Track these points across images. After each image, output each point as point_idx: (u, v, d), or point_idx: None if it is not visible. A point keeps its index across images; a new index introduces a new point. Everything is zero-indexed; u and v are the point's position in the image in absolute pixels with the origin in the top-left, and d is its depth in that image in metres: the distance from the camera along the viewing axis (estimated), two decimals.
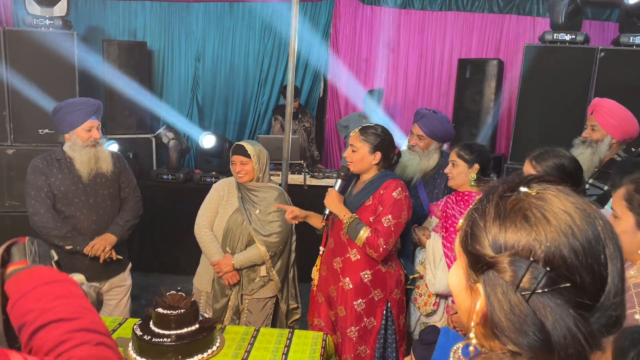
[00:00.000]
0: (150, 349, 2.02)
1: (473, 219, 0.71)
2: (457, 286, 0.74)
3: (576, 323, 0.62)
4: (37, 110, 4.02)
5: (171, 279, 4.30)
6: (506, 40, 5.72)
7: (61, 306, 0.86)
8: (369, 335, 2.45)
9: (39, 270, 0.92)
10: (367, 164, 2.43)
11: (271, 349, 2.18)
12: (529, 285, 0.63)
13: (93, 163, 2.70)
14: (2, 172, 4.07)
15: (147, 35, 5.67)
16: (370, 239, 2.32)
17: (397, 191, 2.36)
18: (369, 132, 2.42)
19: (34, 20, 4.08)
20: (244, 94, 5.96)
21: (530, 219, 0.65)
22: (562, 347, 0.61)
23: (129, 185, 2.92)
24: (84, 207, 2.73)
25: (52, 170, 2.69)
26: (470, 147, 2.56)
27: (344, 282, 2.46)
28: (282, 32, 5.75)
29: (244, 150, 2.73)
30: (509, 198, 0.69)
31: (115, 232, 2.78)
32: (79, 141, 2.67)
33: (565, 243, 0.63)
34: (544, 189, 0.69)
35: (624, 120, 2.65)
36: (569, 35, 4.19)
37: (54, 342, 0.81)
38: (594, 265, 0.63)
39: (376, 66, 6.00)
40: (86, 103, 2.70)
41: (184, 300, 2.15)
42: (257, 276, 2.77)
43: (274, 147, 4.51)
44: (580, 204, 0.67)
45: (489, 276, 0.67)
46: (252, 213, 2.75)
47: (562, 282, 0.62)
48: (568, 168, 2.04)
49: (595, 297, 0.63)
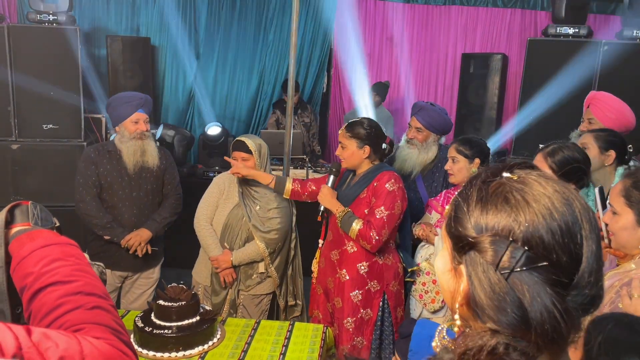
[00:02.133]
0: (152, 341, 2.04)
1: (457, 203, 0.74)
2: (442, 269, 0.77)
3: (552, 300, 0.64)
4: (41, 105, 4.05)
5: (175, 273, 4.30)
6: (510, 35, 5.69)
7: (57, 268, 0.86)
8: (366, 327, 2.47)
9: (39, 232, 0.92)
10: (357, 159, 2.47)
11: (271, 341, 2.19)
12: (508, 264, 0.65)
13: (139, 155, 2.77)
14: (7, 167, 4.09)
15: (151, 31, 5.68)
16: (362, 231, 2.34)
17: (390, 182, 2.39)
18: (354, 128, 2.46)
19: (37, 15, 4.09)
20: (247, 89, 5.97)
21: (511, 201, 0.68)
22: (539, 323, 0.64)
23: (172, 182, 2.98)
24: (127, 200, 2.81)
25: (102, 161, 2.78)
26: (469, 142, 2.55)
27: (341, 274, 2.48)
28: (285, 26, 5.75)
29: (245, 146, 2.71)
30: (492, 182, 0.72)
31: (151, 227, 2.84)
32: (127, 133, 2.75)
33: (543, 224, 0.66)
34: (526, 174, 0.71)
35: (621, 113, 2.64)
36: (572, 29, 4.17)
37: (49, 306, 0.82)
38: (571, 245, 0.66)
39: (380, 61, 5.99)
40: (133, 96, 2.79)
41: (185, 293, 2.17)
42: (254, 272, 2.77)
43: (276, 142, 4.52)
44: (560, 188, 0.69)
45: (470, 256, 0.69)
46: (252, 209, 2.75)
47: (540, 261, 0.65)
48: (580, 161, 2.05)
49: (571, 275, 0.66)
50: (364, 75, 5.80)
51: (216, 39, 5.81)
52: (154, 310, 2.15)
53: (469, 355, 0.67)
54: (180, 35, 5.79)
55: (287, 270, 2.89)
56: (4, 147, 4.09)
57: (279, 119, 5.44)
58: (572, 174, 2.02)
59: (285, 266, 2.87)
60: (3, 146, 4.09)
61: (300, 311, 2.97)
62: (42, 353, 0.70)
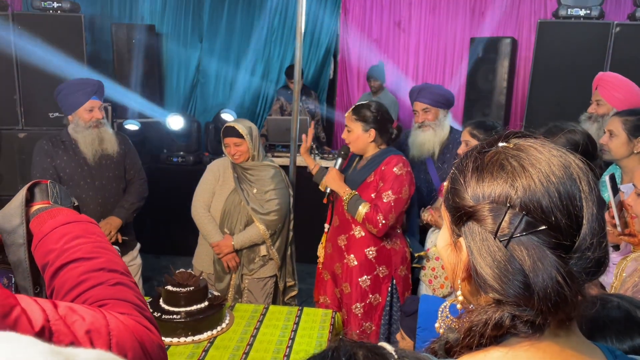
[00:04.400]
0: (161, 326, 2.01)
1: (454, 175, 0.73)
2: (443, 246, 0.76)
3: (554, 263, 0.63)
4: (47, 93, 4.01)
5: (182, 261, 4.28)
6: (520, 18, 5.60)
7: (79, 245, 0.86)
8: (374, 312, 2.47)
9: (59, 210, 0.92)
10: (363, 142, 2.44)
11: (280, 326, 2.18)
12: (508, 231, 0.64)
13: (97, 144, 2.67)
14: (14, 155, 4.09)
15: (155, 18, 5.64)
16: (369, 215, 2.33)
17: (399, 167, 2.36)
18: (360, 111, 2.44)
19: (41, 3, 4.07)
20: (251, 76, 5.92)
21: (507, 167, 0.67)
22: (541, 288, 0.62)
23: (134, 167, 2.89)
24: (90, 190, 2.72)
25: (58, 152, 2.68)
26: (483, 126, 2.51)
27: (349, 259, 2.47)
28: (290, 12, 5.68)
29: (236, 131, 2.66)
30: (488, 152, 0.71)
31: (121, 215, 2.77)
32: (81, 122, 2.65)
33: (540, 188, 0.64)
34: (522, 141, 0.70)
35: (629, 93, 2.58)
36: (583, 11, 4.08)
37: (72, 282, 0.82)
38: (570, 207, 0.64)
39: (387, 46, 5.92)
40: (86, 83, 2.67)
41: (193, 278, 2.16)
42: (256, 256, 2.76)
43: (282, 129, 4.49)
44: (557, 152, 0.68)
45: (469, 227, 0.68)
46: (249, 193, 2.73)
47: (539, 224, 0.64)
48: (581, 143, 1.99)
49: (572, 238, 0.64)
50: (371, 61, 5.74)
51: (220, 25, 5.76)
52: (162, 296, 2.14)
53: (475, 331, 0.66)
54: (185, 22, 5.75)
55: (287, 251, 2.89)
56: (10, 135, 4.09)
57: (283, 106, 5.40)
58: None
59: (286, 248, 2.87)
60: (10, 135, 4.09)
61: (297, 290, 2.99)
62: (69, 326, 0.70)
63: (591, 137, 2.04)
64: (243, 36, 5.80)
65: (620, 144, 2.15)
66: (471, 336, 0.66)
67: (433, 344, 0.74)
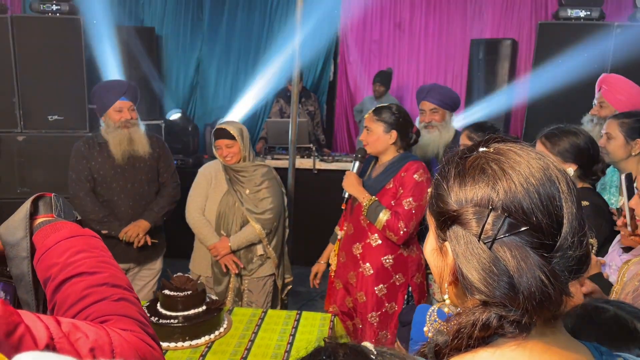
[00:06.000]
0: (158, 331, 2.00)
1: (437, 181, 0.74)
2: (430, 251, 0.77)
3: (537, 263, 0.64)
4: (46, 96, 4.02)
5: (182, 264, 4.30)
6: (520, 19, 5.59)
7: (83, 260, 0.85)
8: (390, 320, 2.42)
9: (63, 224, 0.91)
10: (383, 144, 2.38)
11: (278, 330, 2.17)
12: (491, 233, 0.66)
13: (126, 144, 2.69)
14: (13, 158, 4.08)
15: (155, 21, 5.64)
16: (390, 222, 2.28)
17: (419, 173, 2.32)
18: (383, 111, 2.39)
19: (40, 5, 4.06)
20: (251, 78, 5.91)
21: (487, 171, 0.69)
22: (526, 287, 0.63)
23: (168, 169, 2.90)
24: (122, 192, 2.75)
25: (93, 154, 2.71)
26: (482, 129, 2.49)
27: (364, 268, 2.41)
28: (290, 14, 5.68)
29: (227, 133, 2.64)
30: (469, 157, 0.72)
31: (149, 218, 2.79)
32: (111, 123, 2.68)
33: (521, 190, 0.66)
34: (502, 146, 0.72)
35: (632, 94, 2.56)
36: (583, 12, 4.07)
37: (75, 297, 0.81)
38: (550, 207, 0.66)
39: (387, 47, 5.91)
40: (115, 84, 2.72)
41: (191, 282, 2.15)
42: (254, 256, 2.76)
43: (281, 131, 4.48)
44: (535, 155, 0.70)
45: (454, 231, 0.69)
46: (242, 194, 2.72)
47: (521, 225, 0.65)
48: (583, 148, 1.97)
49: (553, 237, 0.66)
50: (371, 63, 5.73)
51: (220, 27, 5.76)
52: (159, 300, 2.13)
53: (463, 333, 0.67)
54: (184, 24, 5.75)
55: (283, 249, 2.89)
56: (9, 138, 4.08)
57: (282, 108, 5.39)
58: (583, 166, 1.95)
59: (282, 245, 2.87)
60: (8, 138, 4.08)
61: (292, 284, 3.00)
62: (73, 343, 0.69)
63: (594, 140, 2.02)
64: (243, 38, 5.80)
65: (618, 146, 2.14)
66: (459, 338, 0.67)
67: (422, 348, 0.75)
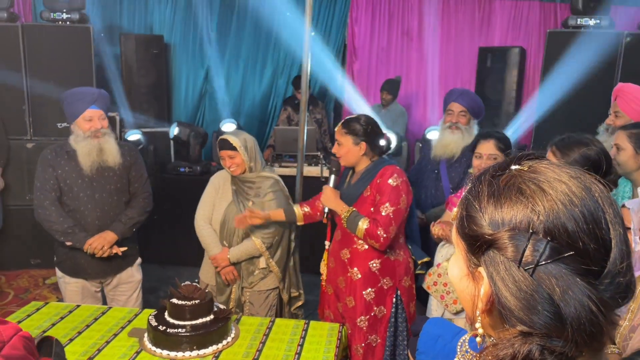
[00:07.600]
0: (165, 340, 2.01)
1: (467, 201, 0.69)
2: (458, 276, 0.71)
3: (585, 291, 0.59)
4: (56, 104, 3.98)
5: (188, 271, 4.27)
6: (529, 27, 5.57)
7: None
8: (380, 324, 2.44)
9: None
10: (354, 156, 2.43)
11: (286, 340, 2.15)
12: (532, 259, 0.60)
13: (95, 155, 2.56)
14: (22, 165, 4.12)
15: (164, 29, 5.68)
16: (369, 230, 2.31)
17: (393, 177, 2.35)
18: (351, 123, 2.43)
19: (51, 14, 4.10)
20: (260, 86, 5.93)
21: (526, 191, 0.63)
22: (574, 318, 0.58)
23: (139, 179, 2.77)
24: (89, 202, 2.61)
25: (60, 162, 2.59)
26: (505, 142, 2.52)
27: (352, 273, 2.44)
28: (298, 22, 5.69)
29: (229, 144, 2.63)
30: (502, 176, 0.67)
31: (117, 230, 2.64)
32: (80, 132, 2.56)
33: (564, 211, 0.61)
34: (536, 163, 0.67)
35: None
36: (593, 20, 4.06)
37: None
38: (596, 230, 0.61)
39: (395, 55, 5.91)
40: (85, 92, 2.60)
41: (199, 291, 2.14)
42: (255, 268, 2.73)
43: (290, 139, 4.48)
44: (575, 173, 0.65)
45: (489, 256, 0.64)
46: (245, 205, 2.69)
47: (566, 250, 0.60)
48: (594, 159, 1.93)
49: (601, 263, 0.61)
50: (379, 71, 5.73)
51: (229, 35, 5.79)
52: (167, 309, 2.12)
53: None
54: (193, 32, 5.78)
55: (288, 262, 2.85)
56: (19, 145, 4.11)
57: (290, 116, 5.40)
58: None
59: (287, 259, 2.83)
60: (18, 145, 4.11)
61: (303, 300, 2.95)
62: None
63: (607, 152, 1.98)
64: (251, 46, 5.82)
65: (627, 157, 2.11)
66: None
67: None
